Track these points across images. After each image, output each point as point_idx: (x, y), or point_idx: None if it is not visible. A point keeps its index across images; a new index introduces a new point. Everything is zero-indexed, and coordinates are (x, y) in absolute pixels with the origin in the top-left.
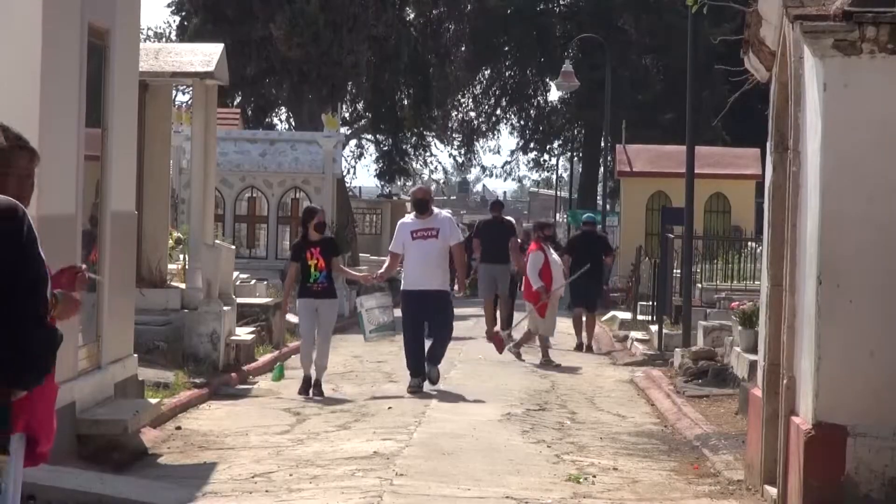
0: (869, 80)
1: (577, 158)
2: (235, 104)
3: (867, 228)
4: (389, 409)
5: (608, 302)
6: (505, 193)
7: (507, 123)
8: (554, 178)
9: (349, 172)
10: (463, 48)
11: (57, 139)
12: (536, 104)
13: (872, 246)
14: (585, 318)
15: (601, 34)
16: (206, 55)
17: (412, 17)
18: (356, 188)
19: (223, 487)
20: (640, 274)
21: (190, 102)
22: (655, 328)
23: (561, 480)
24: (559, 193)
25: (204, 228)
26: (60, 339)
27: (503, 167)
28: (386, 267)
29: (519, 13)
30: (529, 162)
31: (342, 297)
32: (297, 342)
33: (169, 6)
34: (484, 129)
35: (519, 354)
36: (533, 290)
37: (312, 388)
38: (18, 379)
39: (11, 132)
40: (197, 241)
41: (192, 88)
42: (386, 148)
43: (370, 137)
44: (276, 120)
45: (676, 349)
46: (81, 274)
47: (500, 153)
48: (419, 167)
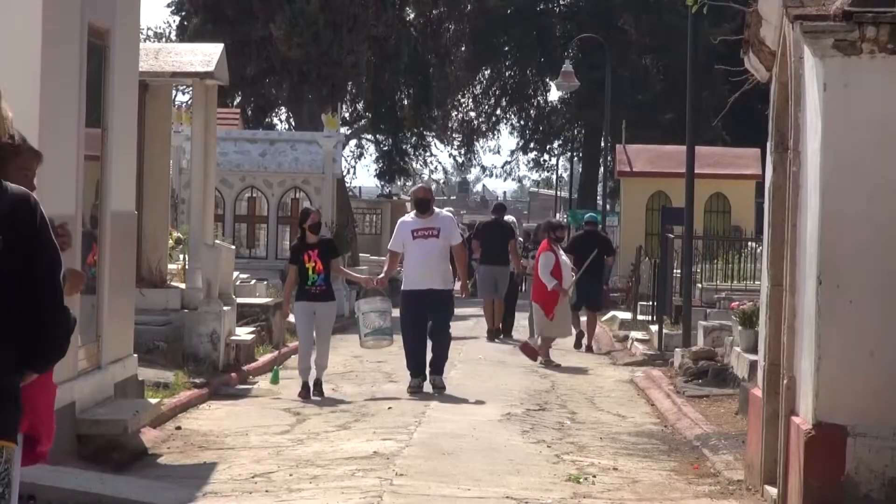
0: (869, 80)
1: (577, 158)
2: (235, 104)
3: (867, 228)
4: (389, 409)
5: (608, 302)
6: (505, 193)
7: (507, 123)
8: (554, 178)
9: (349, 172)
10: (463, 48)
11: (57, 139)
12: (536, 104)
13: (872, 246)
14: (587, 317)
15: (601, 34)
16: (206, 55)
17: (412, 17)
18: (356, 188)
19: (223, 487)
20: (640, 274)
21: (190, 102)
22: (655, 328)
23: (561, 480)
24: (559, 193)
25: (204, 228)
26: (74, 322)
27: (503, 167)
28: (386, 268)
29: (519, 13)
30: (529, 162)
31: (342, 297)
32: (296, 343)
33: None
34: (484, 129)
35: (550, 362)
36: (548, 290)
37: (312, 387)
38: (37, 362)
39: (20, 134)
40: (197, 241)
41: (192, 88)
42: (386, 148)
43: (370, 137)
44: (276, 120)
45: (676, 349)
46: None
47: (500, 153)
48: (419, 167)
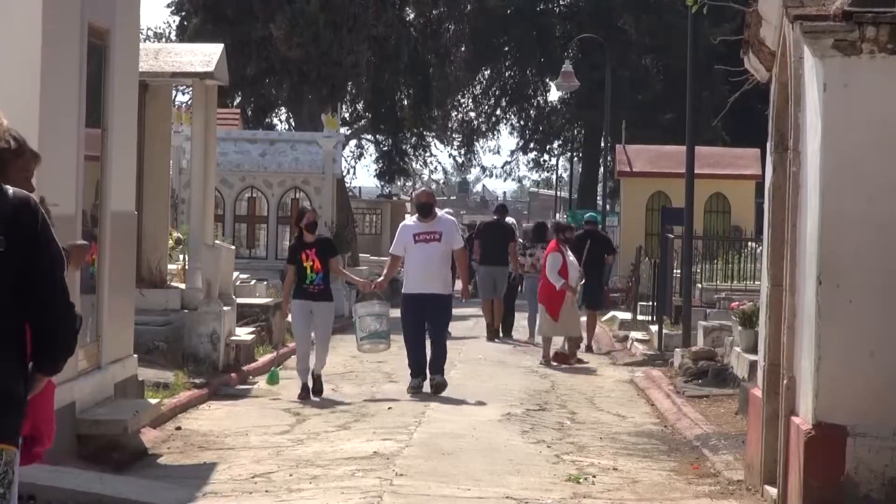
0: (869, 80)
1: (577, 158)
2: (235, 104)
3: (867, 228)
4: (389, 409)
5: (608, 302)
6: (505, 194)
7: (507, 123)
8: (554, 178)
9: (349, 172)
10: (463, 48)
11: (57, 139)
12: (536, 104)
13: (872, 246)
14: (587, 317)
15: (601, 34)
16: (205, 55)
17: (412, 17)
18: (356, 188)
19: (223, 487)
20: (640, 274)
21: (190, 102)
22: (655, 328)
23: (561, 480)
24: (559, 193)
25: (204, 228)
26: (80, 321)
27: (503, 167)
28: (386, 271)
29: (519, 13)
30: (529, 162)
31: (341, 297)
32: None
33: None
34: (484, 129)
35: (579, 360)
36: (556, 290)
37: (312, 383)
38: (44, 363)
39: (20, 135)
40: (197, 241)
41: (192, 88)
42: (386, 148)
43: (370, 137)
44: (276, 120)
45: (676, 349)
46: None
47: (499, 153)
48: (419, 167)
